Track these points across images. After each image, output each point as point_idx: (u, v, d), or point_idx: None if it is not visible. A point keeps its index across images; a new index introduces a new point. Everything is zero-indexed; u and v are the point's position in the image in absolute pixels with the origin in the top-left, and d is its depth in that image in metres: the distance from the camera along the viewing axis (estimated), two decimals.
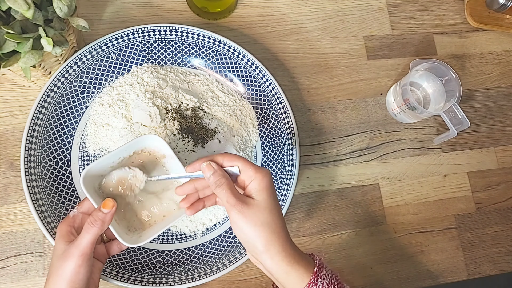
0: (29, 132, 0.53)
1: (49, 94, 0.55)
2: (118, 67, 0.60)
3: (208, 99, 0.61)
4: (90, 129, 0.58)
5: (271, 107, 0.62)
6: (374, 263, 0.63)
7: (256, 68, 0.62)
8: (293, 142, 0.60)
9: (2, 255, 0.55)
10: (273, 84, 0.61)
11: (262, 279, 0.60)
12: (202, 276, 0.53)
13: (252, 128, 0.63)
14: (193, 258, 0.56)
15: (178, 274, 0.54)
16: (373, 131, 0.68)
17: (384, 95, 0.69)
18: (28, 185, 0.52)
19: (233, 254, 0.55)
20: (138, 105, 0.57)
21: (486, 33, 0.76)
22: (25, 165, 0.52)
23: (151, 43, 0.61)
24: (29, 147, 0.53)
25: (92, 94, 0.59)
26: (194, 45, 0.62)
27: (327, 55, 0.69)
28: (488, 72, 0.74)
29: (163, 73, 0.61)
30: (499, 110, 0.73)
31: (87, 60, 0.58)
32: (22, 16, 0.45)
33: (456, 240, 0.66)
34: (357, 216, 0.64)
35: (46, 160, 0.55)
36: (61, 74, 0.56)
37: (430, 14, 0.75)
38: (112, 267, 0.52)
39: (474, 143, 0.70)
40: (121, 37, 0.59)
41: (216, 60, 0.63)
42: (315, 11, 0.71)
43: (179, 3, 0.67)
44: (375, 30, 0.72)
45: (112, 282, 0.51)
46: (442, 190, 0.67)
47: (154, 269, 0.54)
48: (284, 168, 0.60)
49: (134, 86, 0.59)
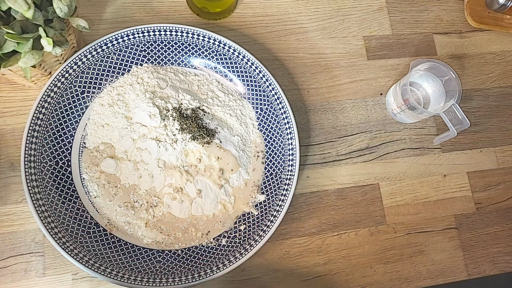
0: (29, 132, 0.53)
1: (49, 94, 0.55)
2: (118, 67, 0.60)
3: (208, 99, 0.61)
4: (90, 129, 0.58)
5: (271, 107, 0.62)
6: (374, 263, 0.63)
7: (256, 68, 0.62)
8: (293, 142, 0.59)
9: (2, 255, 0.55)
10: (273, 84, 0.61)
11: (262, 279, 0.60)
12: (202, 276, 0.53)
13: (252, 128, 0.63)
14: (193, 258, 0.56)
15: (178, 274, 0.54)
16: (373, 131, 0.68)
17: (384, 95, 0.69)
18: (29, 185, 0.51)
19: (233, 254, 0.55)
20: (138, 105, 0.57)
21: (486, 33, 0.76)
22: (25, 165, 0.52)
23: (151, 43, 0.61)
24: (30, 147, 0.53)
25: (92, 94, 0.59)
26: (194, 45, 0.62)
27: (327, 55, 0.69)
28: (488, 72, 0.74)
29: (163, 73, 0.61)
30: (499, 110, 0.73)
31: (87, 60, 0.58)
32: (22, 16, 0.45)
33: (456, 240, 0.66)
34: (357, 216, 0.64)
35: (46, 160, 0.55)
36: (61, 74, 0.56)
37: (430, 14, 0.75)
38: (112, 267, 0.52)
39: (474, 143, 0.70)
40: (121, 37, 0.59)
41: (216, 60, 0.63)
42: (315, 11, 0.71)
43: (179, 3, 0.68)
44: (375, 30, 0.72)
45: (113, 282, 0.51)
46: (442, 190, 0.67)
47: (154, 269, 0.54)
48: (284, 168, 0.60)
49: (134, 86, 0.59)
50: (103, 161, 0.57)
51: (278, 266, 0.60)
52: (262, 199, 0.59)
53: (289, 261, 0.61)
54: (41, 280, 0.55)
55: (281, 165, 0.60)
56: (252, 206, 0.59)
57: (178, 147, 0.56)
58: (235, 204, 0.59)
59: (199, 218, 0.58)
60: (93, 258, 0.52)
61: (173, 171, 0.56)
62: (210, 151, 0.57)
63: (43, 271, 0.55)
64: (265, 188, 0.60)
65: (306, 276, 0.61)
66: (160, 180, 0.56)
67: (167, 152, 0.56)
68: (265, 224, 0.56)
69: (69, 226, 0.53)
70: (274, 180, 0.60)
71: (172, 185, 0.56)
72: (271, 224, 0.56)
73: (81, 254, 0.51)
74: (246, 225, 0.58)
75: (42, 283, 0.55)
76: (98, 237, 0.55)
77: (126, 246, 0.55)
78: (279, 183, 0.59)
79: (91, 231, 0.54)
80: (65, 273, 0.56)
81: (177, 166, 0.56)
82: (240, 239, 0.57)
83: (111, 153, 0.58)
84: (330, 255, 0.62)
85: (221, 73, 0.64)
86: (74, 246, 0.51)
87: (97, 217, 0.56)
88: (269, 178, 0.60)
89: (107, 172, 0.57)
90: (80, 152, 0.57)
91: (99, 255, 0.53)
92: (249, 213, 0.59)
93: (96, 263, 0.51)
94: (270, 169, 0.61)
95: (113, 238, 0.55)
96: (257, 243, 0.55)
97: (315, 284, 0.61)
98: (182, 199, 0.56)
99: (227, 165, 0.58)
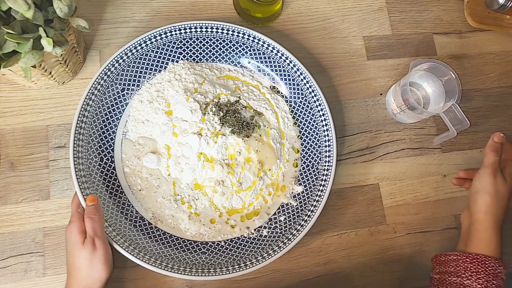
0: (76, 129, 0.55)
1: (90, 97, 0.57)
2: (156, 64, 0.62)
3: (244, 94, 0.63)
4: (131, 125, 0.60)
5: (305, 99, 0.64)
6: (374, 263, 0.63)
7: (291, 62, 0.63)
8: (330, 134, 0.61)
9: (2, 255, 0.55)
10: (308, 77, 0.63)
11: (262, 279, 0.60)
12: (248, 265, 0.55)
13: (287, 121, 0.64)
14: (236, 249, 0.57)
15: (224, 264, 0.55)
16: (373, 131, 0.68)
17: (384, 95, 0.69)
18: (79, 180, 0.53)
19: (276, 243, 0.57)
20: (178, 100, 0.59)
21: (486, 33, 0.76)
22: (74, 161, 0.54)
23: (187, 40, 0.63)
24: (77, 144, 0.55)
25: (131, 92, 0.61)
26: (228, 41, 0.64)
27: (327, 55, 0.69)
28: (488, 72, 0.74)
29: (199, 69, 0.63)
30: (498, 110, 0.73)
31: (128, 58, 0.60)
32: (22, 16, 0.45)
33: (456, 240, 0.66)
34: (357, 216, 0.64)
35: (92, 157, 0.57)
36: (104, 72, 0.58)
37: (430, 15, 0.75)
38: (161, 259, 0.54)
39: (474, 143, 0.70)
40: (159, 34, 0.61)
41: (250, 55, 0.65)
42: (315, 11, 0.71)
43: (179, 3, 0.68)
44: (375, 30, 0.72)
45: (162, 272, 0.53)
46: (442, 190, 0.67)
47: (200, 260, 0.56)
48: (320, 159, 0.61)
49: (173, 82, 0.61)
50: (145, 156, 0.58)
51: (278, 266, 0.60)
52: (300, 190, 0.61)
53: (289, 261, 0.61)
54: (41, 280, 0.55)
55: (318, 156, 0.61)
56: (290, 197, 0.61)
57: (219, 141, 0.58)
58: (274, 195, 0.60)
59: (240, 210, 0.59)
60: (143, 251, 0.54)
61: (214, 164, 0.58)
62: (249, 144, 0.59)
63: (43, 271, 0.55)
64: (302, 180, 0.61)
65: (306, 276, 0.61)
66: (201, 174, 0.58)
67: (208, 146, 0.58)
68: (306, 214, 0.58)
69: (117, 220, 0.55)
70: (311, 171, 0.61)
71: (213, 178, 0.58)
72: (312, 214, 0.58)
73: (131, 247, 0.53)
74: (286, 215, 0.60)
75: (42, 283, 0.55)
76: (144, 230, 0.57)
77: (171, 239, 0.57)
78: (316, 174, 0.61)
79: (137, 225, 0.57)
80: (65, 273, 0.55)
81: (218, 159, 0.58)
82: (281, 230, 0.58)
83: (153, 148, 0.59)
84: (330, 255, 0.62)
85: (255, 67, 0.65)
86: (124, 240, 0.53)
87: (141, 211, 0.58)
88: (305, 170, 0.62)
89: (148, 167, 0.58)
90: (122, 146, 0.59)
91: (147, 248, 0.55)
92: (288, 204, 0.60)
93: (146, 255, 0.53)
94: (307, 161, 0.62)
95: (158, 231, 0.57)
96: (299, 233, 0.57)
97: (315, 284, 0.61)
98: (224, 192, 0.58)
99: (266, 158, 0.60)
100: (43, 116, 0.60)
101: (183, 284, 0.58)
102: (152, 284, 0.57)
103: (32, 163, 0.58)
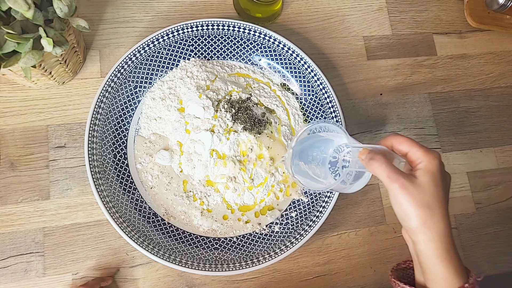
0: (91, 126, 0.56)
1: (104, 94, 0.58)
2: (168, 62, 0.63)
3: (255, 91, 0.64)
4: (143, 122, 0.60)
5: (316, 96, 0.64)
6: (374, 263, 0.63)
7: (302, 59, 0.64)
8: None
9: (2, 255, 0.55)
10: (318, 74, 0.63)
11: (262, 279, 0.60)
12: (261, 261, 0.55)
13: (298, 118, 0.64)
14: (249, 245, 0.58)
15: (237, 260, 0.56)
16: (373, 131, 0.68)
17: (384, 95, 0.69)
18: (94, 176, 0.54)
19: (288, 239, 0.57)
20: (191, 97, 0.59)
21: (486, 33, 0.76)
22: (89, 158, 0.55)
23: (199, 38, 0.63)
24: (92, 141, 0.56)
25: (144, 89, 0.62)
26: (239, 38, 0.64)
27: (327, 55, 0.70)
28: (488, 72, 0.74)
29: (210, 67, 0.63)
30: (499, 110, 0.73)
31: (140, 56, 0.61)
32: (22, 16, 0.45)
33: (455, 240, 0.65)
34: (357, 216, 0.64)
35: (106, 153, 0.57)
36: (118, 70, 0.59)
37: (429, 15, 0.75)
38: (175, 255, 0.55)
39: (474, 143, 0.70)
40: (171, 32, 0.62)
41: (261, 52, 0.65)
42: (315, 11, 0.71)
43: (179, 3, 0.68)
44: (375, 30, 0.72)
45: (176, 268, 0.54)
46: None
47: (213, 256, 0.57)
48: None
49: (185, 80, 0.61)
50: (157, 153, 0.59)
51: (278, 266, 0.60)
52: None
53: (289, 261, 0.61)
54: (41, 280, 0.55)
55: None
56: (301, 194, 0.61)
57: (231, 138, 0.58)
58: (286, 191, 0.61)
59: (252, 206, 0.60)
60: (157, 247, 0.54)
61: (226, 161, 0.58)
62: (261, 141, 0.59)
63: (43, 271, 0.55)
64: None
65: (306, 276, 0.61)
66: (213, 170, 0.58)
67: (220, 143, 0.58)
68: (317, 210, 0.59)
69: (131, 216, 0.56)
70: None
71: (225, 175, 0.58)
72: (323, 210, 0.58)
73: (145, 243, 0.54)
74: (297, 212, 0.60)
75: (42, 283, 0.55)
76: (157, 226, 0.57)
77: (184, 235, 0.58)
78: None
79: (150, 221, 0.57)
80: (65, 273, 0.56)
81: (230, 156, 0.58)
82: (293, 226, 0.59)
83: (165, 145, 0.60)
84: (330, 255, 0.62)
85: (268, 65, 0.66)
86: (138, 235, 0.54)
87: (154, 207, 0.58)
88: None
89: (160, 164, 0.59)
90: (135, 143, 0.60)
91: (161, 244, 0.55)
92: (299, 200, 0.61)
93: (160, 251, 0.54)
94: None
95: (171, 227, 0.58)
96: (311, 228, 0.57)
97: (315, 284, 0.61)
98: (236, 188, 0.58)
99: (277, 154, 0.60)
100: (43, 116, 0.60)
101: (183, 284, 0.58)
102: (152, 284, 0.57)
103: (32, 163, 0.58)
